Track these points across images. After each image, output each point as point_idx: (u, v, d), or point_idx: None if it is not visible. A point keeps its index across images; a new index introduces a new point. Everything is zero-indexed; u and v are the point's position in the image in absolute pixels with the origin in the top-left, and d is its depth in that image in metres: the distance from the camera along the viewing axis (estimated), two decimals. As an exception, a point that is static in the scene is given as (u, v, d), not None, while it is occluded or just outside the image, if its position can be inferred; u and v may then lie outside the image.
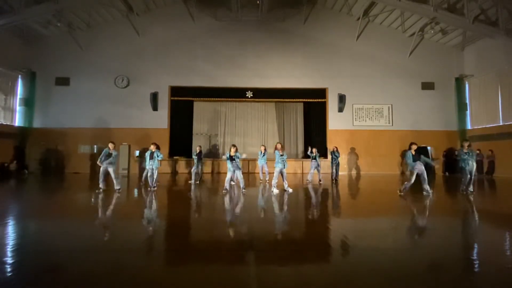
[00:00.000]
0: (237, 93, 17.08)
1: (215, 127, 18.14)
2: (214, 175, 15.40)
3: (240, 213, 6.09)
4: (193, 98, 17.30)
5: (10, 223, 4.96)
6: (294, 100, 17.70)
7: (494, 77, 15.37)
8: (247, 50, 17.13)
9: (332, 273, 2.99)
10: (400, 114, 17.08)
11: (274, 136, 18.24)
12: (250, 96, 17.07)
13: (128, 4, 15.80)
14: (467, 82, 17.14)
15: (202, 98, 17.30)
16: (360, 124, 17.17)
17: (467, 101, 17.06)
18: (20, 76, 16.18)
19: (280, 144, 8.63)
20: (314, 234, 4.58)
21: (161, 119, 16.68)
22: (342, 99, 16.83)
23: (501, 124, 14.97)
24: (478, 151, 13.83)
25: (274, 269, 3.07)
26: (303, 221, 5.57)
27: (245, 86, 16.98)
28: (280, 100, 17.81)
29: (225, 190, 8.30)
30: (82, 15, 15.88)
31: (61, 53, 16.56)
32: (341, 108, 16.92)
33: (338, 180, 12.31)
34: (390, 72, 17.20)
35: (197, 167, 11.59)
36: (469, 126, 16.87)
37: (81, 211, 6.36)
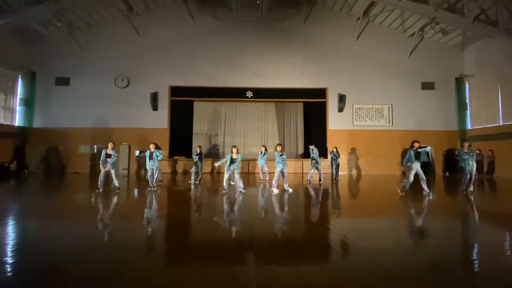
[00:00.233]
0: (237, 93, 17.10)
1: (215, 127, 18.14)
2: (214, 175, 15.39)
3: (240, 213, 6.09)
4: (193, 98, 17.32)
5: (10, 223, 4.96)
6: (294, 100, 17.70)
7: (494, 77, 15.37)
8: (247, 50, 17.13)
9: (332, 273, 2.99)
10: (400, 114, 17.09)
11: (274, 136, 18.24)
12: (250, 96, 17.08)
13: (128, 4, 15.81)
14: (467, 82, 17.14)
15: (202, 98, 17.31)
16: (360, 124, 17.17)
17: (467, 101, 17.06)
18: (20, 76, 16.19)
19: (280, 145, 8.62)
20: (314, 234, 4.57)
21: (161, 119, 16.69)
22: (342, 99, 16.84)
23: (501, 124, 14.97)
24: (478, 151, 13.83)
25: (274, 269, 3.06)
26: (303, 221, 5.57)
27: (245, 86, 16.99)
28: (280, 100, 17.82)
29: (224, 190, 8.31)
30: (82, 15, 15.89)
31: (61, 53, 16.57)
32: (341, 108, 16.93)
33: (338, 180, 12.31)
34: (390, 72, 17.20)
35: (197, 167, 11.61)
36: (469, 126, 16.87)
37: (81, 211, 6.35)
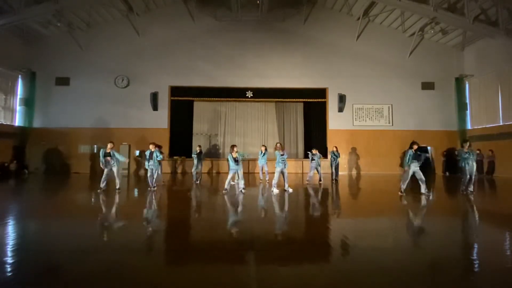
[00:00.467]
0: (237, 93, 17.08)
1: (215, 127, 18.12)
2: (214, 175, 15.40)
3: (240, 213, 6.09)
4: (193, 98, 17.30)
5: (10, 223, 4.96)
6: (294, 100, 17.69)
7: (494, 77, 15.35)
8: (247, 50, 17.12)
9: (332, 273, 2.99)
10: (400, 114, 17.08)
11: (274, 136, 18.22)
12: (250, 96, 17.07)
13: (128, 4, 15.80)
14: (467, 82, 17.13)
15: (202, 98, 17.30)
16: (360, 124, 17.17)
17: (467, 101, 17.03)
18: (20, 76, 16.18)
19: (280, 144, 8.63)
20: (314, 234, 4.57)
21: (161, 119, 16.69)
22: (342, 99, 16.83)
23: (501, 124, 14.95)
24: (478, 151, 13.82)
25: (274, 269, 3.06)
26: (303, 221, 5.57)
27: (245, 86, 16.97)
28: (280, 100, 17.79)
29: (225, 190, 8.30)
30: (82, 15, 15.87)
31: (61, 53, 16.56)
32: (341, 108, 16.92)
33: (338, 180, 12.31)
34: (390, 72, 17.19)
35: (197, 167, 11.61)
36: (469, 126, 16.86)
37: (81, 211, 6.36)
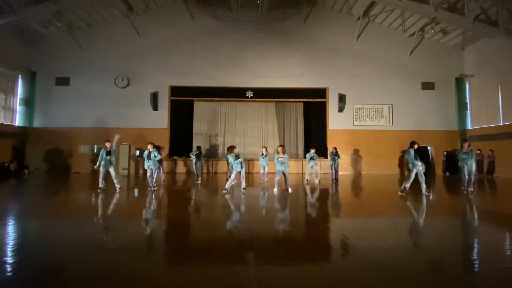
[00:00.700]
0: (237, 93, 17.09)
1: (215, 127, 18.12)
2: (214, 175, 15.40)
3: (240, 212, 6.09)
4: (193, 98, 17.31)
5: (10, 223, 4.96)
6: (294, 100, 17.69)
7: (494, 77, 15.36)
8: (247, 50, 17.12)
9: (332, 273, 2.99)
10: (400, 114, 17.08)
11: (274, 136, 18.23)
12: (250, 96, 17.07)
13: (128, 4, 15.80)
14: (467, 82, 17.13)
15: (202, 98, 17.30)
16: (360, 124, 17.17)
17: (467, 101, 17.04)
18: (20, 76, 16.18)
19: (282, 147, 8.53)
20: (314, 234, 4.57)
21: (161, 119, 16.69)
22: (342, 99, 16.83)
23: (501, 124, 14.96)
24: (478, 151, 13.82)
25: (274, 269, 3.06)
26: (303, 221, 5.57)
27: (245, 86, 16.98)
28: (280, 100, 17.79)
29: (225, 190, 8.29)
30: (82, 15, 15.88)
31: (61, 53, 16.57)
32: (341, 108, 16.92)
33: (338, 180, 12.30)
34: (390, 72, 17.19)
35: (197, 167, 11.60)
36: (469, 126, 16.86)
37: (81, 211, 6.36)
